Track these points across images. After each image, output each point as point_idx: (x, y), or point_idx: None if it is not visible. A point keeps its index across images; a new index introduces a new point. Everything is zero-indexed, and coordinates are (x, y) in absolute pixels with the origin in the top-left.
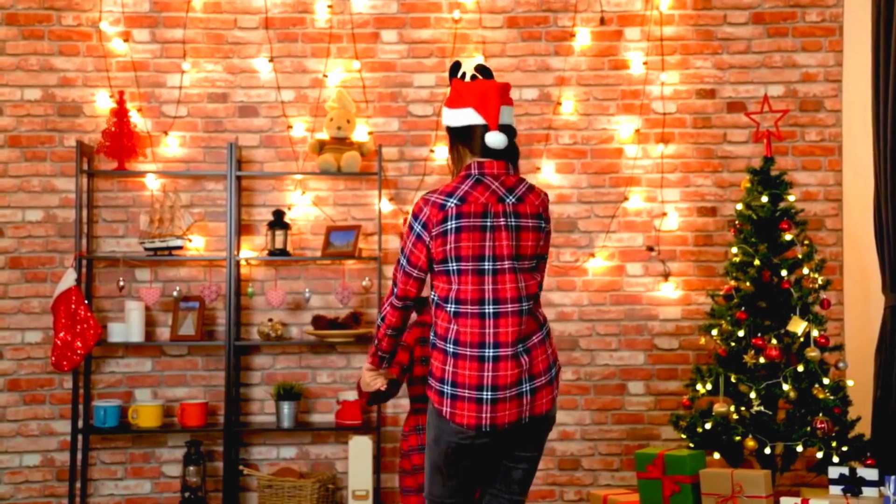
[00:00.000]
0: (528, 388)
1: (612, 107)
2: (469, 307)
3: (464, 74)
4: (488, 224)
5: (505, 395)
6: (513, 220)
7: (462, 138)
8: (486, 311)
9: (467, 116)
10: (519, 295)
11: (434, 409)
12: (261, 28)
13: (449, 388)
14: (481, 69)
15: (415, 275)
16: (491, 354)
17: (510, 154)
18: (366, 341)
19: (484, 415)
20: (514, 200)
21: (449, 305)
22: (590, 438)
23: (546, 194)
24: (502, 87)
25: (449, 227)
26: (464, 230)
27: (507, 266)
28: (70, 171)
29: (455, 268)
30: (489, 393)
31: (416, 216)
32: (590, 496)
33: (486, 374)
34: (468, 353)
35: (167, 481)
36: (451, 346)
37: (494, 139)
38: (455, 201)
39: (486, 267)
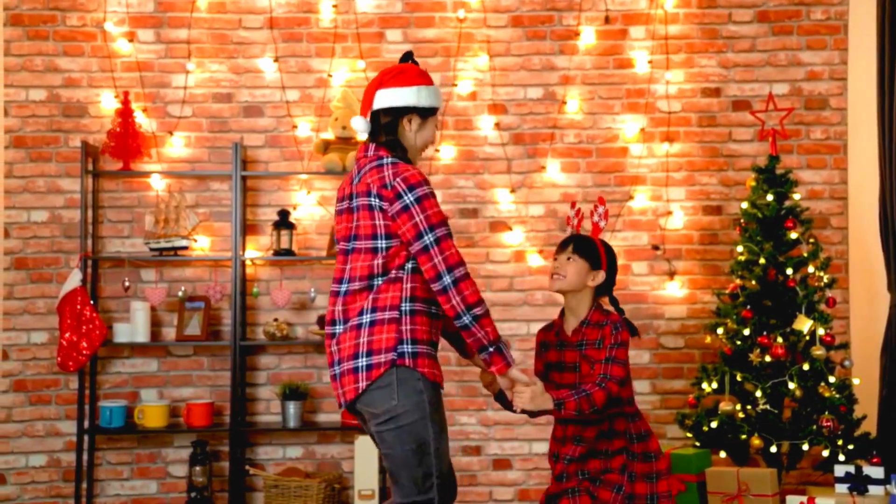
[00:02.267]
0: (336, 371)
1: (616, 106)
2: None
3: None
4: (343, 207)
5: (331, 372)
6: (354, 201)
7: None
8: (331, 289)
9: None
10: (341, 276)
11: None
12: (265, 28)
13: None
14: (404, 56)
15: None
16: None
17: (384, 137)
18: None
19: None
20: (356, 181)
21: None
22: None
23: (390, 171)
24: (383, 73)
25: None
26: (335, 215)
27: (341, 247)
28: (75, 171)
29: None
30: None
31: None
32: None
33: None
34: None
35: (173, 481)
36: None
37: (352, 123)
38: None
39: (337, 248)
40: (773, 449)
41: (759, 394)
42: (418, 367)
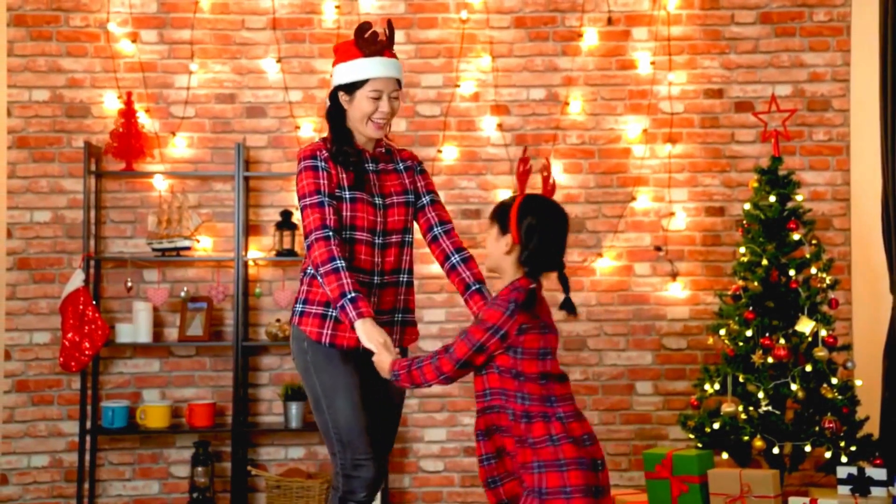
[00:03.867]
0: None
1: (619, 107)
2: None
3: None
4: None
5: None
6: None
7: None
8: None
9: None
10: None
11: None
12: (268, 29)
13: None
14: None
15: None
16: None
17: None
18: None
19: None
20: None
21: None
22: (598, 438)
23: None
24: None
25: None
26: None
27: None
28: (78, 171)
29: None
30: None
31: None
32: None
33: None
34: None
35: (175, 482)
36: None
37: None
38: None
39: None
40: (776, 450)
41: (761, 395)
42: (301, 325)
